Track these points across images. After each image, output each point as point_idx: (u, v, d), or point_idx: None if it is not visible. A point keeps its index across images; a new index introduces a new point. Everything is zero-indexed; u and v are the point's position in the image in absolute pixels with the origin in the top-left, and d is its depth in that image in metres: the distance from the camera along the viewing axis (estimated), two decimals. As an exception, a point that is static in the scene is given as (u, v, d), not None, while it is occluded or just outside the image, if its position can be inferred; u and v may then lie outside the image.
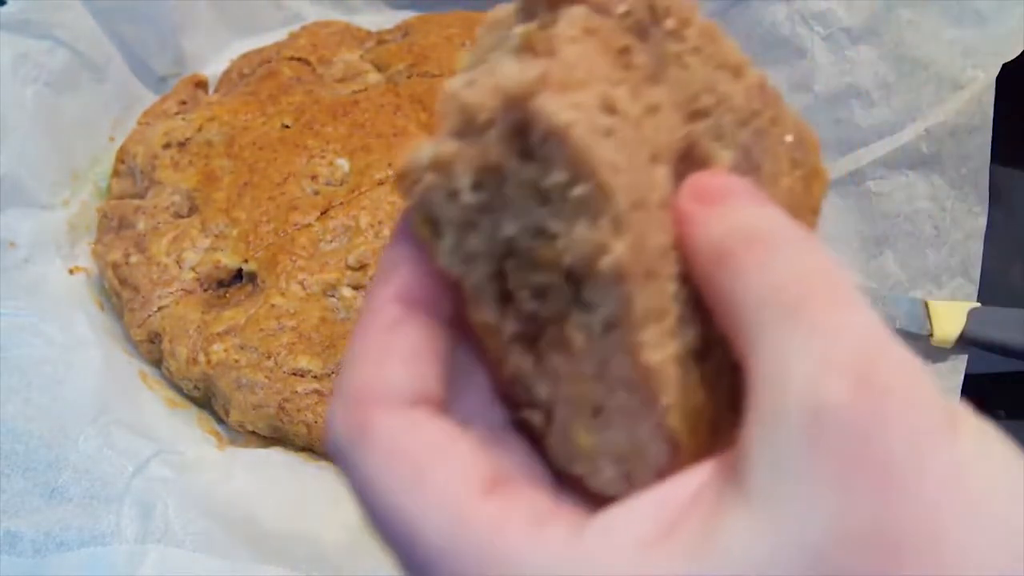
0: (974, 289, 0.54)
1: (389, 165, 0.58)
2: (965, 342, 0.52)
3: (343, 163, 0.58)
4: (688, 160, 0.21)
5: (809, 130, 0.24)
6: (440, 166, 0.19)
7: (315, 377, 0.50)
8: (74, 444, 0.45)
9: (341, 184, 0.58)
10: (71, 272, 0.57)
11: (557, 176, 0.18)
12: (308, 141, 0.59)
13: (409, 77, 0.64)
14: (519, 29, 0.20)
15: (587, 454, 0.20)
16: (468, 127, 0.19)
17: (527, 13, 0.21)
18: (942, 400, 0.17)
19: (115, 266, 0.56)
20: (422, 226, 0.20)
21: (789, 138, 0.23)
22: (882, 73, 0.58)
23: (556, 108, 0.18)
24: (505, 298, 0.20)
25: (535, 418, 0.21)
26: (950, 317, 0.52)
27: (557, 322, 0.20)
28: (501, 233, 0.19)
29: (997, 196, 0.54)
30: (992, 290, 0.56)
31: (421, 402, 0.19)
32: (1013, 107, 0.54)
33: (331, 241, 0.55)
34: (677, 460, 0.19)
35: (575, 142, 0.18)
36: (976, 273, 0.54)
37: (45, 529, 0.42)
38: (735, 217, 0.19)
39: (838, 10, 0.60)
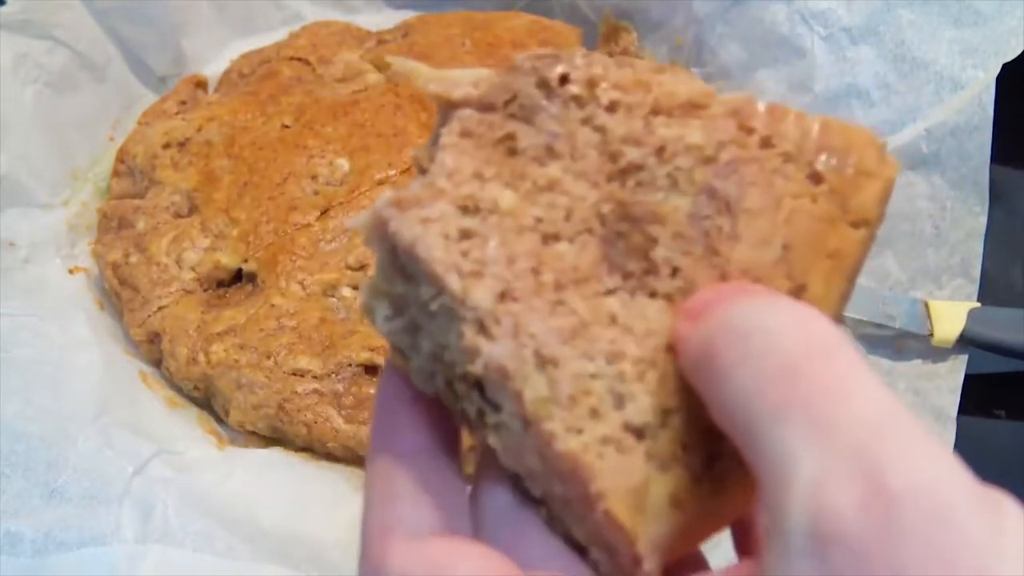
0: (974, 289, 0.54)
1: (389, 165, 0.58)
2: (965, 342, 0.52)
3: (343, 163, 0.58)
4: (630, 220, 0.20)
5: (847, 131, 0.21)
6: (372, 298, 0.21)
7: (315, 377, 0.50)
8: (74, 444, 0.45)
9: (341, 184, 0.58)
10: (71, 272, 0.57)
11: (425, 292, 0.19)
12: (308, 141, 0.59)
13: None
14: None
15: (584, 545, 0.20)
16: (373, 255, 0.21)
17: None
18: (974, 490, 0.15)
19: (115, 266, 0.56)
20: (394, 356, 0.21)
21: (817, 154, 0.21)
22: (882, 73, 0.58)
23: (403, 226, 0.19)
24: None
25: (541, 514, 0.21)
26: (950, 317, 0.52)
27: (482, 426, 0.20)
28: (424, 351, 0.20)
29: (997, 196, 0.54)
30: (992, 290, 0.56)
31: (435, 533, 0.20)
32: (1013, 107, 0.54)
33: (331, 241, 0.55)
34: (629, 545, 0.18)
35: (421, 255, 0.19)
36: (976, 273, 0.54)
37: (45, 529, 0.42)
38: (717, 317, 0.18)
39: (838, 10, 0.60)
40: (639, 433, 0.19)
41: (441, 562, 0.18)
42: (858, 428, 0.15)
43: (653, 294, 0.20)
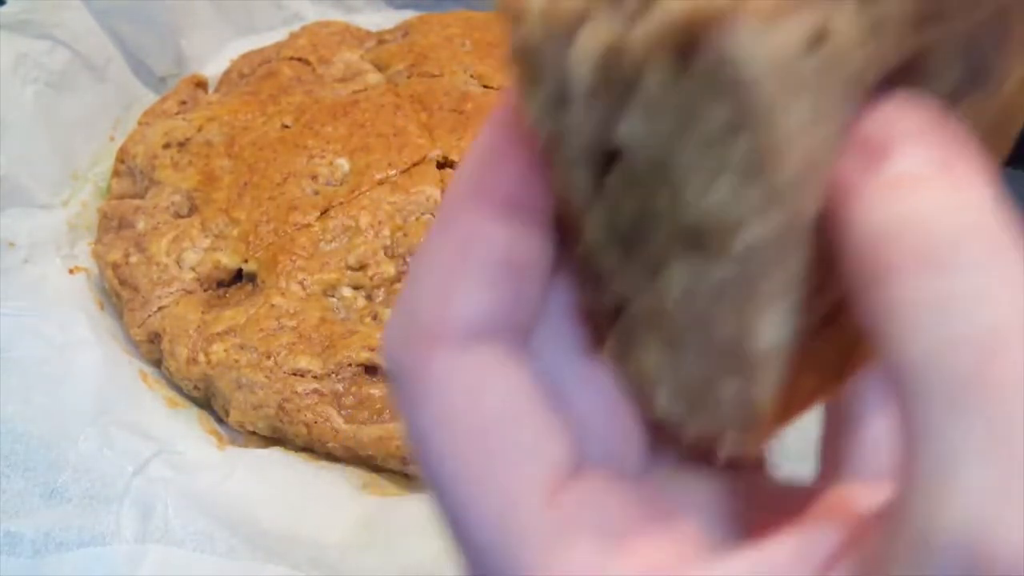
0: (974, 289, 0.54)
1: (389, 165, 0.58)
2: (965, 342, 0.52)
3: (343, 163, 0.58)
4: (904, 72, 0.15)
5: None
6: (557, 23, 0.14)
7: (315, 377, 0.50)
8: (74, 444, 0.45)
9: (341, 184, 0.58)
10: (71, 272, 0.57)
11: (714, 112, 0.13)
12: (308, 141, 0.59)
13: (409, 77, 0.64)
14: None
15: (644, 375, 0.17)
16: None
17: None
18: None
19: (115, 266, 0.56)
20: (517, 63, 0.15)
21: None
22: (882, 73, 0.58)
23: (748, 50, 0.13)
24: (599, 178, 0.15)
25: (600, 312, 0.17)
26: (950, 317, 0.52)
27: (653, 255, 0.15)
28: (609, 133, 0.14)
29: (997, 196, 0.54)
30: (992, 290, 0.56)
31: (499, 332, 0.16)
32: (1013, 107, 0.54)
33: (331, 241, 0.55)
34: (752, 430, 0.16)
35: (759, 100, 0.13)
36: (976, 273, 0.53)
37: (45, 529, 0.42)
38: (908, 201, 0.13)
39: (838, 10, 0.60)
40: (814, 331, 0.16)
41: (491, 424, 0.15)
42: None
43: None
